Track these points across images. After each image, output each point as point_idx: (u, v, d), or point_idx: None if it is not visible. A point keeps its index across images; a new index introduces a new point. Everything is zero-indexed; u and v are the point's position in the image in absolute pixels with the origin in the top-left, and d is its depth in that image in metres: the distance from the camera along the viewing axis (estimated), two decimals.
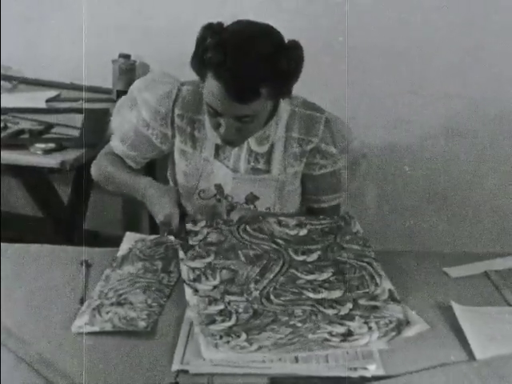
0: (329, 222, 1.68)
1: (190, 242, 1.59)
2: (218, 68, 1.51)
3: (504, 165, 2.60)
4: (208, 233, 1.62)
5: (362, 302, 1.43)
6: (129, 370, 1.27)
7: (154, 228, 2.38)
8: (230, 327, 1.35)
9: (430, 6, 2.45)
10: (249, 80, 1.51)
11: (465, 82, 2.51)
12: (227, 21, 1.58)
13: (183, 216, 1.61)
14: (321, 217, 1.71)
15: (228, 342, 1.30)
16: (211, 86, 1.55)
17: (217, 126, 1.62)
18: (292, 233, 1.64)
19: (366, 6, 2.48)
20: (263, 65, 1.51)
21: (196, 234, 1.62)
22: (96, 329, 1.36)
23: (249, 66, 1.50)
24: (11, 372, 1.25)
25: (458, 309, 1.44)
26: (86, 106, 2.60)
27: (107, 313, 1.40)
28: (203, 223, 1.65)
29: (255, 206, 1.76)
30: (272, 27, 1.58)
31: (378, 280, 1.49)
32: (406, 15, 2.47)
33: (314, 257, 1.57)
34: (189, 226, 1.63)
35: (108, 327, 1.37)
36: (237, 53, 1.51)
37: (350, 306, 1.42)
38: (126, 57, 2.73)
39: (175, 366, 1.26)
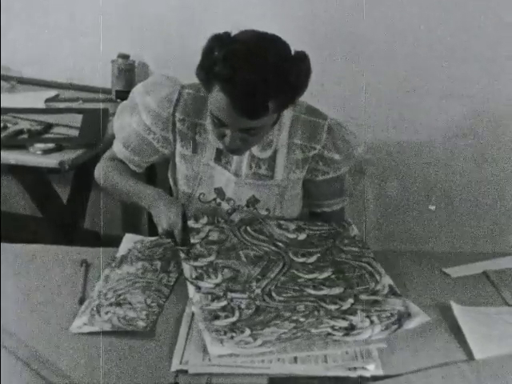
0: (327, 229, 1.70)
1: (192, 240, 1.59)
2: (226, 83, 1.49)
3: (504, 165, 2.60)
4: (209, 231, 1.63)
5: (362, 297, 1.45)
6: (128, 371, 1.27)
7: (153, 229, 2.37)
8: (234, 323, 1.36)
9: (431, 6, 2.44)
10: (258, 96, 1.48)
11: (465, 82, 2.51)
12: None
13: (187, 227, 1.61)
14: (319, 223, 1.74)
15: (232, 337, 1.31)
16: (218, 99, 1.52)
17: (221, 137, 1.61)
18: (291, 236, 1.67)
19: (367, 5, 2.47)
20: (272, 80, 1.48)
21: (198, 231, 1.63)
22: (95, 329, 1.36)
23: (258, 83, 1.47)
24: (11, 372, 1.25)
25: (457, 309, 1.44)
26: (85, 106, 2.61)
27: (106, 313, 1.41)
28: (205, 220, 1.66)
29: (256, 209, 1.76)
30: (279, 38, 1.55)
31: (377, 277, 1.52)
32: (406, 15, 2.47)
33: (313, 259, 1.58)
34: (190, 222, 1.64)
35: (107, 327, 1.37)
36: (246, 68, 1.47)
37: (351, 301, 1.43)
38: (125, 57, 2.73)
39: (174, 366, 1.26)
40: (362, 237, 1.68)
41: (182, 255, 1.56)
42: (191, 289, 1.46)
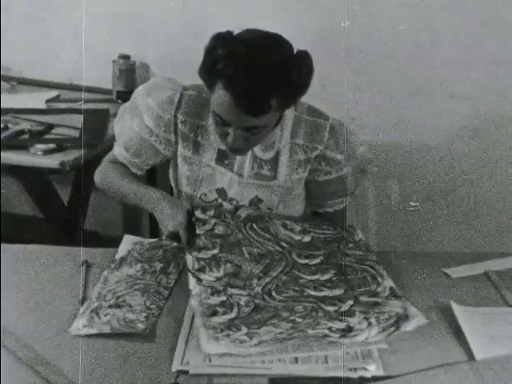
0: (332, 233, 1.70)
1: (197, 231, 1.59)
2: (229, 80, 1.49)
3: (504, 165, 2.59)
4: (215, 224, 1.63)
5: (363, 298, 1.45)
6: (128, 372, 1.27)
7: (153, 229, 2.37)
8: (232, 320, 1.35)
9: (432, 7, 2.44)
10: (260, 94, 1.49)
11: (469, 84, 2.51)
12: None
13: (192, 227, 1.61)
14: (324, 227, 1.72)
15: (228, 335, 1.30)
16: (221, 97, 1.52)
17: (224, 135, 1.61)
18: (296, 238, 1.66)
19: (369, 5, 2.47)
20: (275, 78, 1.49)
21: (204, 223, 1.63)
22: (94, 331, 1.36)
23: (260, 80, 1.48)
24: (11, 372, 1.25)
25: (457, 309, 1.44)
26: (85, 106, 2.60)
27: (106, 315, 1.40)
28: (212, 212, 1.66)
29: (259, 208, 1.76)
30: (282, 37, 1.55)
31: (379, 279, 1.51)
32: (409, 15, 2.47)
33: (316, 261, 1.58)
34: (197, 213, 1.64)
35: (106, 329, 1.37)
36: (248, 66, 1.48)
37: (350, 302, 1.43)
38: (126, 57, 2.73)
39: (175, 367, 1.26)
40: (366, 241, 1.68)
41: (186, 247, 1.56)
42: (192, 281, 1.46)
